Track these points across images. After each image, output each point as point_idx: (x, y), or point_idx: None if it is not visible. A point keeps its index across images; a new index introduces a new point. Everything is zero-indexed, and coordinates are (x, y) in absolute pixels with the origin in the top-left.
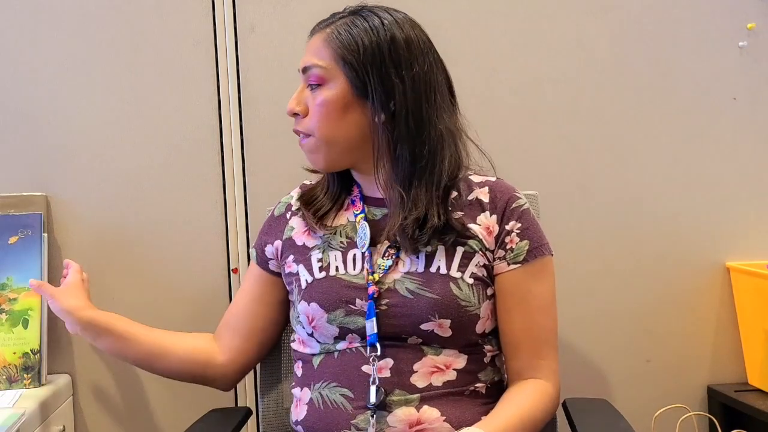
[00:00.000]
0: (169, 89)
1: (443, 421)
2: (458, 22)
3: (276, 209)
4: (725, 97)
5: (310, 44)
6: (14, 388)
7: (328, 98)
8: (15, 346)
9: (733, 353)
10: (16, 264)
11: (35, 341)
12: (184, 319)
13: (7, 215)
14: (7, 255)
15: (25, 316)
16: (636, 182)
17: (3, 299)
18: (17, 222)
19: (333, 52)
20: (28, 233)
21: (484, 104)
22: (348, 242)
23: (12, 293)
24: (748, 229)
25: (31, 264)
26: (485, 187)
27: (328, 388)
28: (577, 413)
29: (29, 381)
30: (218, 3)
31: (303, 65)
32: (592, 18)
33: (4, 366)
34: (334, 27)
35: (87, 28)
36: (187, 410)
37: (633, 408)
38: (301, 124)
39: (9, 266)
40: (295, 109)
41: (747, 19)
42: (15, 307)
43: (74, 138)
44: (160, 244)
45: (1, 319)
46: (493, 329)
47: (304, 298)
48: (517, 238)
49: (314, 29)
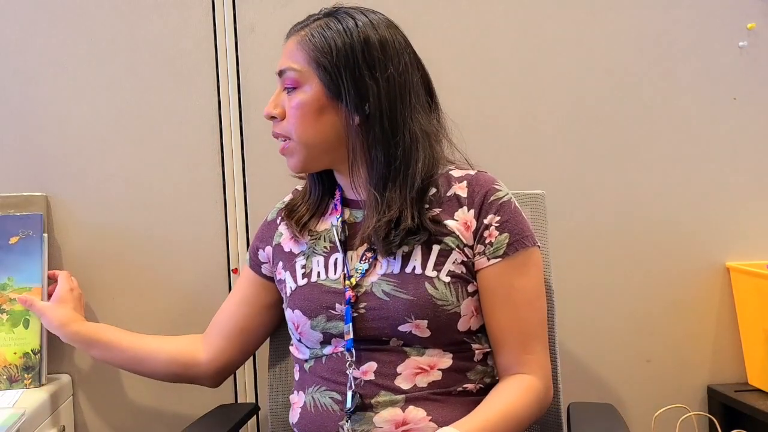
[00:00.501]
0: (169, 89)
1: (429, 421)
2: (461, 23)
3: (269, 214)
4: (725, 97)
5: (286, 47)
6: (15, 388)
7: (303, 101)
8: (16, 346)
9: (733, 353)
10: (17, 264)
11: (36, 341)
12: (184, 319)
13: (8, 215)
14: (8, 255)
15: (26, 316)
16: (636, 182)
17: (4, 299)
18: (18, 222)
19: (306, 55)
20: (28, 233)
21: (486, 104)
22: (331, 247)
23: (13, 293)
24: (748, 229)
25: (32, 264)
26: (464, 182)
27: (319, 392)
28: (577, 419)
29: (30, 381)
30: (218, 3)
31: (279, 68)
32: (592, 18)
33: (5, 366)
34: (308, 29)
35: (87, 28)
36: (187, 410)
37: (633, 408)
38: (279, 127)
39: (10, 266)
40: (272, 113)
41: (747, 19)
42: (16, 308)
43: (74, 138)
44: (160, 244)
45: (2, 319)
46: (481, 326)
47: (289, 306)
48: (497, 231)
49: (290, 32)
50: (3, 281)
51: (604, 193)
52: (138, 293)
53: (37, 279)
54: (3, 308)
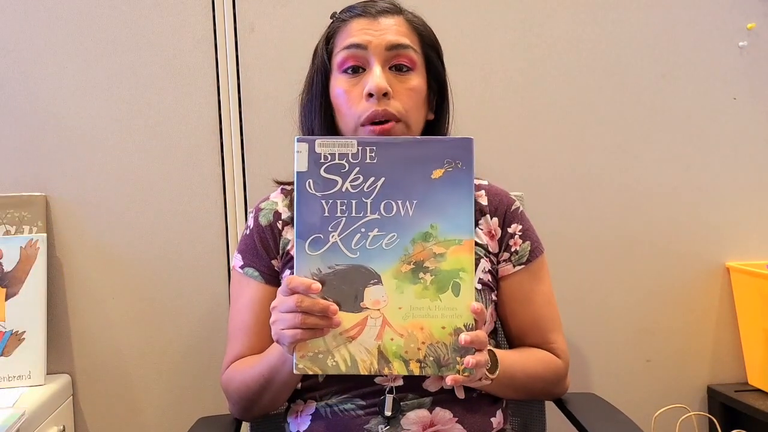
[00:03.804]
0: (169, 89)
1: (456, 423)
2: (456, 22)
3: (261, 217)
4: (725, 97)
5: (387, 24)
6: (443, 373)
7: (419, 85)
8: (443, 318)
9: (733, 353)
10: (443, 206)
11: (468, 313)
12: (184, 319)
13: (436, 140)
14: (431, 193)
15: (456, 278)
16: (636, 182)
17: (427, 253)
18: (443, 151)
19: (419, 40)
20: (457, 165)
21: (484, 104)
22: None
23: (438, 247)
24: (748, 229)
25: (461, 208)
26: (482, 191)
27: (337, 399)
28: (576, 409)
29: (461, 366)
30: (218, 3)
31: (392, 42)
32: (592, 18)
33: (431, 344)
34: (406, 15)
35: (87, 28)
36: (187, 410)
37: (633, 408)
38: (392, 106)
39: (434, 209)
40: (388, 88)
41: (747, 19)
42: (443, 266)
43: (74, 138)
44: (159, 244)
45: (425, 281)
46: (492, 329)
47: None
48: (520, 240)
49: (381, 10)
50: (425, 228)
51: (604, 193)
52: (138, 293)
53: (467, 229)
54: (426, 266)
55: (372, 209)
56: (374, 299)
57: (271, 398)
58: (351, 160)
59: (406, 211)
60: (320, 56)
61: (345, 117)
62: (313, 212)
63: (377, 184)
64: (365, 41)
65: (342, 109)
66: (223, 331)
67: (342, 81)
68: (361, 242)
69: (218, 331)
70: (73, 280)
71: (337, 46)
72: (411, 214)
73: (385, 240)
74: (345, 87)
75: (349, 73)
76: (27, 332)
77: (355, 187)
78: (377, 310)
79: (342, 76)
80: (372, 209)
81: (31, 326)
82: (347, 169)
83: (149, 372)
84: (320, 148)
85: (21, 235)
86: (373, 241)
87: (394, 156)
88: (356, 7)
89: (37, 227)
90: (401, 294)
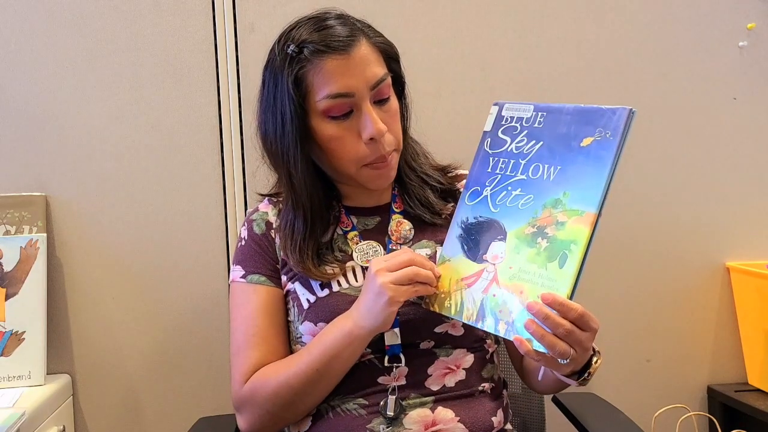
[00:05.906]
0: (169, 89)
1: (457, 422)
2: (456, 22)
3: (255, 227)
4: (725, 97)
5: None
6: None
7: (395, 105)
8: (542, 287)
9: (733, 353)
10: (580, 175)
11: (568, 286)
12: (184, 319)
13: (594, 107)
14: (575, 161)
15: (566, 249)
16: (636, 182)
17: (551, 219)
18: (598, 119)
19: (384, 58)
20: (606, 135)
21: (483, 104)
22: (343, 255)
23: (562, 215)
24: (748, 229)
25: (596, 179)
26: None
27: (340, 400)
28: (576, 409)
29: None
30: (218, 3)
31: (374, 81)
32: (592, 18)
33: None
34: (366, 33)
35: (87, 28)
36: (187, 410)
37: (633, 408)
38: (390, 143)
39: (571, 177)
40: (385, 129)
41: (747, 19)
42: (559, 235)
43: (74, 138)
44: (159, 244)
45: (539, 247)
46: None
47: (308, 319)
48: None
49: (347, 42)
50: (558, 195)
51: None
52: (138, 293)
53: (593, 201)
54: (546, 232)
55: (523, 170)
56: (494, 254)
57: (323, 389)
58: (524, 124)
59: (548, 175)
60: (292, 99)
61: (341, 160)
62: (482, 167)
63: (535, 147)
64: (351, 89)
65: (337, 153)
66: (223, 331)
67: (332, 127)
68: (504, 199)
69: (218, 331)
70: (73, 280)
71: (317, 93)
72: (552, 179)
73: (522, 200)
74: (337, 133)
75: (339, 119)
76: (27, 332)
77: (518, 148)
78: (493, 264)
79: (331, 122)
80: (523, 170)
81: (31, 326)
82: (518, 131)
83: (149, 372)
84: (505, 111)
85: (21, 235)
86: (514, 199)
87: (558, 122)
88: (318, 44)
89: (37, 227)
90: (517, 254)
